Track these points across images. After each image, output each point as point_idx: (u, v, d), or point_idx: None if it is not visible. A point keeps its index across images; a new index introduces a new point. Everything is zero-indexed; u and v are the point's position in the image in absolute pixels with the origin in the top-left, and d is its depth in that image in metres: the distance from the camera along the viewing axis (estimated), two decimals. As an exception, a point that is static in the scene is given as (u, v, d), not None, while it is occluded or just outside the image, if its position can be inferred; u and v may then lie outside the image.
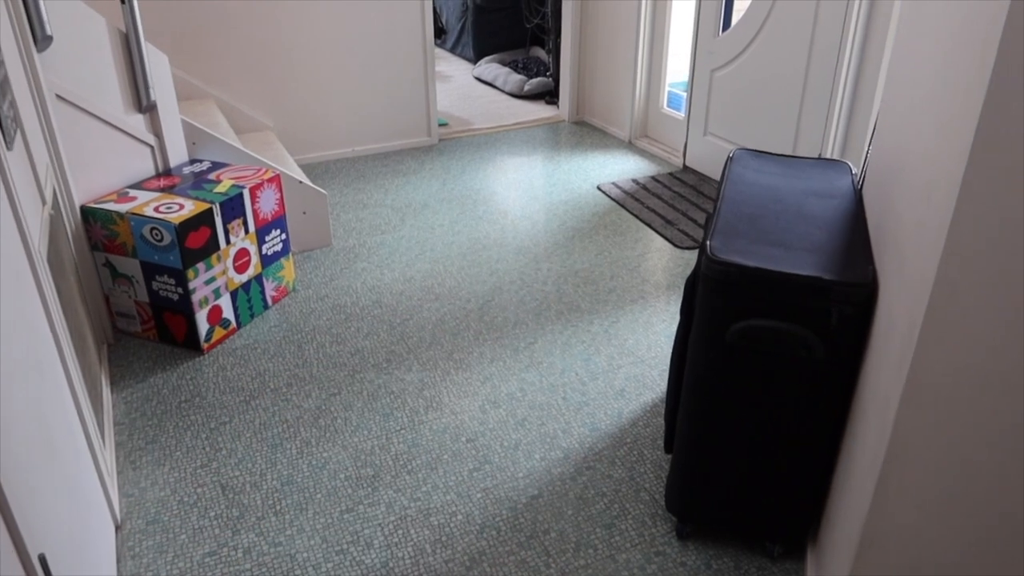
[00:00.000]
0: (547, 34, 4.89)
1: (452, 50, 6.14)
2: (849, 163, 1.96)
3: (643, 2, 3.86)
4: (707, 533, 1.76)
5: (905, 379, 1.09)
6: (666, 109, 4.07)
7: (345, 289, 2.76)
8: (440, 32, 4.20)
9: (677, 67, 4.08)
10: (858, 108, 2.90)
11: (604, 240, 3.12)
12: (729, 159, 1.98)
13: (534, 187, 3.65)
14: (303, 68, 3.74)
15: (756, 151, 2.02)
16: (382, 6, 3.78)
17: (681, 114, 3.95)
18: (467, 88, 5.28)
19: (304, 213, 2.97)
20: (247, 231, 2.49)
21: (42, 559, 1.02)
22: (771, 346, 1.47)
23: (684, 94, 4.06)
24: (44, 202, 1.87)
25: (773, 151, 3.28)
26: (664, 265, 2.93)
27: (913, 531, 1.18)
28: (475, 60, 5.72)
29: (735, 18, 3.49)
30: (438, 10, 3.94)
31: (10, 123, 1.53)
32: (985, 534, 1.13)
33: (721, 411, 1.60)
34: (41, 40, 2.07)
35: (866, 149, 1.96)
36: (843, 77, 2.89)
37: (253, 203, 2.49)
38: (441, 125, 4.44)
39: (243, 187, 2.45)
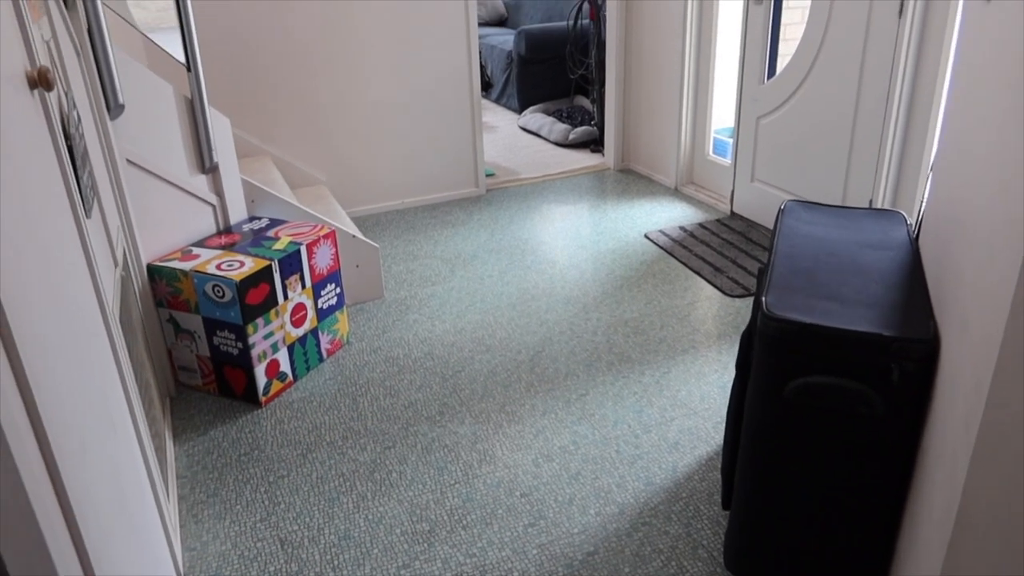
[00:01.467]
0: (591, 84, 4.97)
1: (497, 101, 6.26)
2: (903, 213, 1.95)
3: (687, 50, 3.91)
4: (768, 592, 1.73)
5: (974, 441, 1.08)
6: (712, 156, 4.08)
7: (397, 341, 2.80)
8: (487, 85, 4.30)
9: (722, 113, 4.11)
10: (909, 154, 2.88)
11: (653, 289, 3.13)
12: (780, 211, 1.98)
13: (581, 236, 3.68)
14: (354, 124, 3.86)
15: (808, 202, 2.03)
16: (431, 61, 3.89)
17: (727, 161, 3.96)
18: (513, 138, 5.37)
19: (357, 266, 3.04)
20: (304, 286, 2.55)
21: (119, 619, 1.05)
22: (831, 403, 1.46)
23: (730, 140, 4.08)
24: (116, 264, 1.95)
25: (822, 198, 3.27)
26: (714, 314, 2.92)
27: (987, 597, 1.15)
28: (520, 110, 5.82)
29: (780, 64, 3.51)
30: (484, 63, 4.05)
31: (89, 192, 1.61)
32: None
33: (780, 468, 1.58)
34: (114, 108, 2.19)
35: (921, 198, 1.95)
36: (892, 123, 2.87)
37: (310, 259, 2.56)
38: (488, 176, 4.52)
39: (300, 243, 2.52)
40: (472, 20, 3.91)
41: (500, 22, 7.18)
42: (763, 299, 1.51)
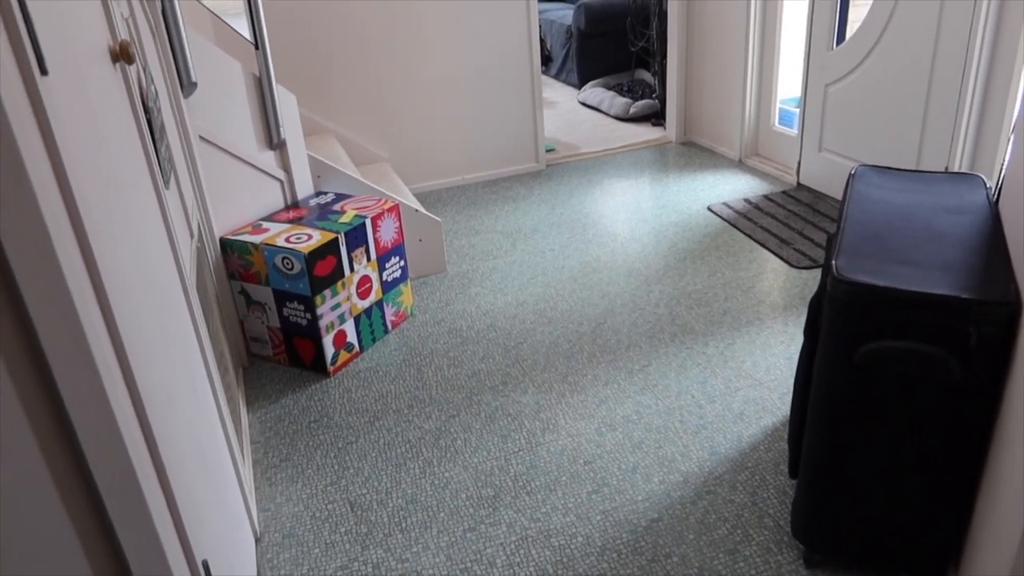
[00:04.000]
0: (652, 56, 4.90)
1: (557, 76, 6.23)
2: (982, 176, 1.88)
3: (751, 19, 3.82)
4: (837, 562, 1.71)
5: (1057, 402, 1.04)
6: (778, 126, 3.99)
7: (460, 313, 2.84)
8: (546, 60, 4.28)
9: (788, 83, 4.01)
10: (988, 118, 2.77)
11: (716, 261, 3.09)
12: (851, 176, 1.94)
13: (643, 209, 3.65)
14: (415, 101, 3.89)
15: (879, 167, 1.97)
16: (490, 37, 3.89)
17: (793, 131, 3.86)
18: (572, 113, 5.34)
19: (420, 240, 3.08)
20: (369, 259, 2.60)
21: (205, 565, 1.11)
22: (904, 368, 1.43)
23: (796, 111, 3.97)
24: (192, 235, 2.03)
25: (895, 165, 3.17)
26: (780, 286, 2.87)
27: (1069, 564, 1.12)
28: (580, 85, 5.78)
29: (849, 30, 3.40)
30: (543, 38, 4.03)
31: (167, 164, 1.68)
32: None
33: (850, 435, 1.55)
34: (187, 86, 2.26)
35: (1002, 160, 1.88)
36: (971, 86, 2.76)
37: (374, 232, 2.60)
38: (548, 151, 4.51)
39: (365, 217, 2.57)
40: (532, 7, 3.90)
41: (559, -3, 7.11)
42: (833, 262, 1.49)
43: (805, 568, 1.70)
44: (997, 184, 1.83)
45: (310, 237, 2.43)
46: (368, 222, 2.57)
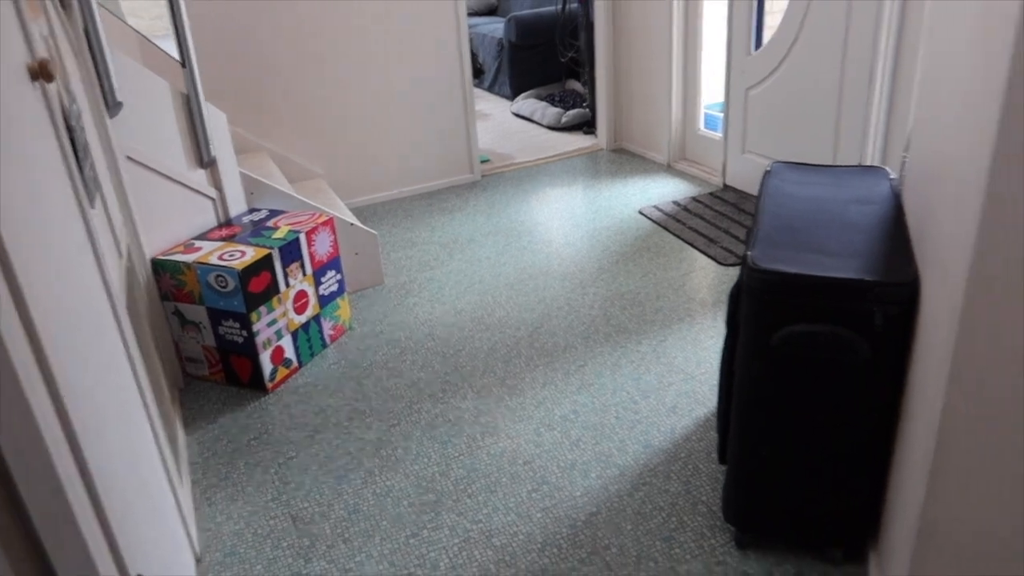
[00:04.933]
0: (582, 67, 5.00)
1: (490, 89, 6.30)
2: (887, 168, 1.99)
3: (674, 28, 3.94)
4: (767, 541, 1.78)
5: (948, 371, 1.12)
6: (703, 131, 4.12)
7: (399, 324, 2.85)
8: (478, 72, 4.33)
9: (712, 89, 4.14)
10: (895, 117, 2.92)
11: (648, 262, 3.17)
12: (767, 172, 2.03)
13: (576, 215, 3.72)
14: (349, 117, 3.90)
15: (793, 163, 2.07)
16: (421, 51, 3.93)
17: (718, 134, 3.99)
18: (506, 124, 5.41)
19: (356, 254, 3.09)
20: (304, 273, 2.60)
21: (140, 579, 1.11)
22: (816, 351, 1.51)
23: (720, 115, 4.11)
24: (121, 256, 2.01)
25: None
26: (709, 283, 2.96)
27: (969, 521, 1.20)
28: (513, 97, 5.86)
29: (766, 36, 3.54)
30: (474, 52, 4.09)
31: (92, 184, 1.67)
32: (1041, 522, 1.14)
33: (771, 419, 1.63)
34: (112, 106, 2.24)
35: (903, 154, 1.99)
36: (878, 87, 2.91)
37: (309, 246, 2.61)
38: (483, 162, 4.56)
39: (299, 232, 2.57)
40: (461, 8, 3.95)
41: (490, 11, 7.20)
42: (748, 253, 1.56)
43: (737, 549, 1.76)
44: (900, 176, 1.94)
45: (244, 254, 2.42)
46: (302, 237, 2.57)
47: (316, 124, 3.86)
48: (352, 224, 3.04)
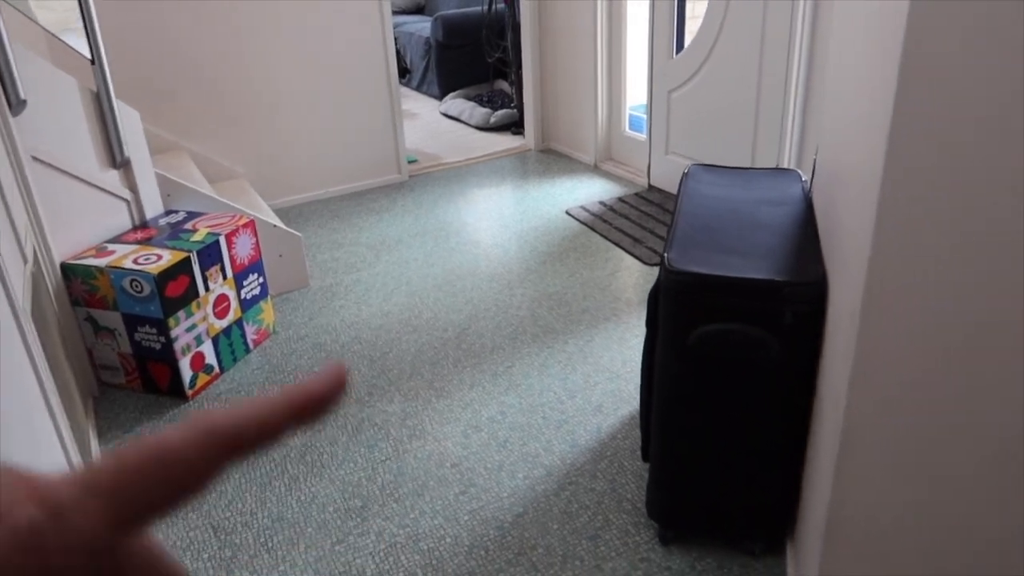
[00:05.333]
0: (509, 67, 5.02)
1: (418, 88, 6.26)
2: (799, 171, 2.06)
3: (598, 30, 3.99)
4: (690, 536, 1.82)
5: (851, 367, 1.17)
6: (628, 132, 4.19)
7: (324, 328, 2.81)
8: (404, 72, 4.30)
9: (637, 90, 4.21)
10: (810, 120, 3.02)
11: (575, 263, 3.20)
12: (684, 175, 2.07)
13: (504, 216, 3.74)
14: (272, 116, 3.82)
15: (710, 166, 2.12)
16: (345, 49, 3.88)
17: (643, 136, 4.06)
18: (435, 124, 5.39)
19: (280, 256, 3.03)
20: (225, 277, 2.54)
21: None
22: (730, 350, 1.55)
23: (644, 116, 4.18)
24: (26, 261, 1.92)
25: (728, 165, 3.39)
26: (634, 282, 3.01)
27: (874, 515, 1.25)
28: (441, 97, 5.83)
29: (688, 38, 3.62)
30: (401, 51, 4.05)
31: (-11, 187, 1.59)
32: (944, 511, 1.20)
33: (690, 417, 1.66)
34: (15, 105, 2.14)
35: (814, 156, 2.07)
36: (793, 91, 3.01)
37: (229, 249, 2.54)
38: (410, 162, 4.53)
39: (219, 234, 2.51)
40: (385, 5, 3.92)
41: (418, 9, 7.16)
42: (665, 255, 1.59)
43: (661, 546, 1.80)
44: (811, 178, 2.01)
45: (160, 257, 2.35)
46: (222, 239, 2.51)
47: (238, 123, 3.77)
48: (275, 226, 2.98)
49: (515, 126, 5.05)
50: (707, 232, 1.72)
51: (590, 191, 4.00)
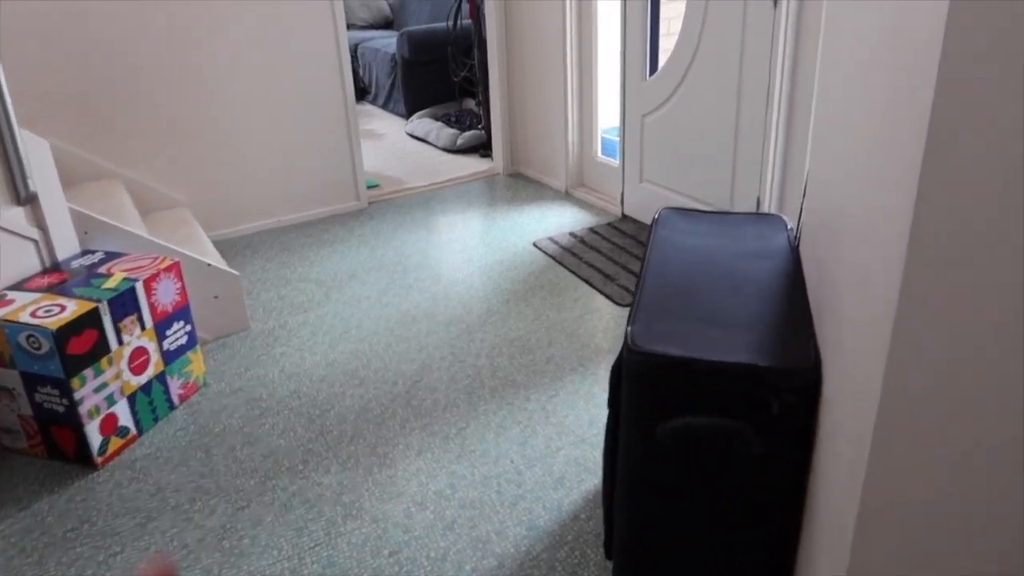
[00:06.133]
0: (476, 86, 4.77)
1: (384, 106, 6.00)
2: (784, 217, 1.82)
3: (568, 48, 3.76)
4: (660, 647, 1.56)
5: (860, 498, 0.92)
6: (601, 157, 3.95)
7: (261, 379, 2.54)
8: (363, 92, 4.05)
9: (609, 113, 3.98)
10: (792, 150, 2.80)
11: (540, 302, 2.95)
12: (654, 221, 1.83)
13: (468, 248, 3.48)
14: (219, 138, 3.55)
15: (684, 210, 1.88)
16: (297, 67, 3.62)
17: (616, 161, 3.83)
18: (400, 145, 5.13)
19: (216, 297, 2.75)
20: (143, 327, 2.26)
21: None
22: (706, 444, 1.29)
23: (618, 139, 3.95)
24: None
25: (710, 196, 3.16)
26: (604, 326, 2.76)
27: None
28: (407, 116, 5.58)
29: (662, 60, 3.40)
30: (362, 70, 3.79)
31: None
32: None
33: (660, 513, 1.41)
34: None
35: (801, 203, 1.83)
36: (775, 118, 2.78)
37: (149, 296, 2.26)
38: (371, 187, 4.27)
39: (136, 280, 2.23)
40: (339, 20, 3.66)
41: (385, 24, 6.91)
42: (628, 329, 1.34)
43: (627, 660, 1.54)
44: (797, 226, 1.77)
45: (63, 308, 2.07)
46: (139, 286, 2.23)
47: (179, 146, 3.49)
48: (210, 265, 2.70)
49: (483, 148, 4.80)
50: (679, 296, 1.47)
51: (560, 220, 3.75)
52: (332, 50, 3.68)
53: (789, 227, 1.78)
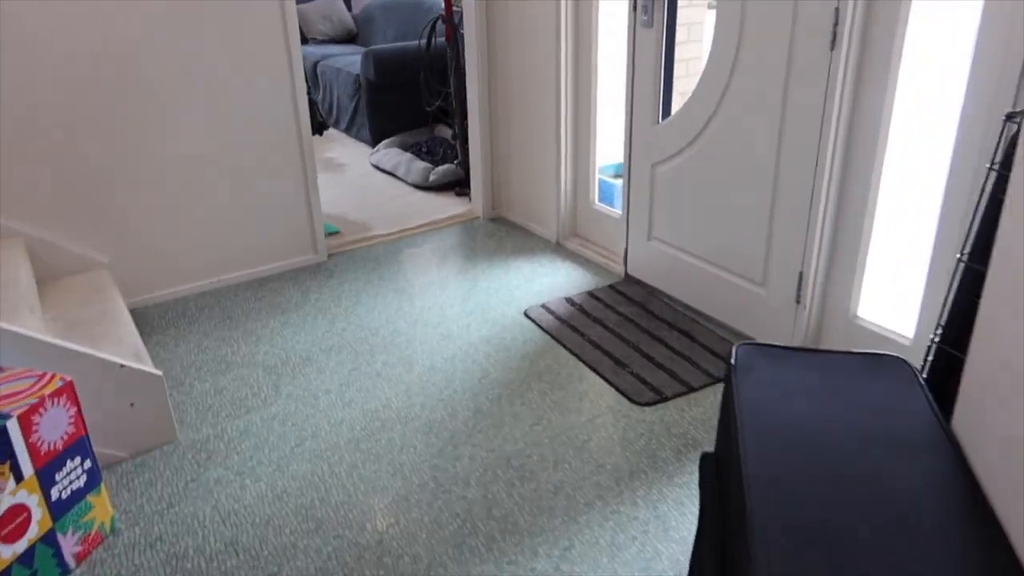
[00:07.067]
0: (452, 117, 4.23)
1: (347, 131, 5.43)
2: (907, 362, 1.31)
3: (563, 78, 3.24)
4: None
5: None
6: (598, 205, 3.43)
7: (188, 522, 1.96)
8: (321, 127, 3.50)
9: (609, 151, 3.47)
10: (845, 220, 2.31)
11: (540, 399, 2.42)
12: (731, 368, 1.31)
13: (447, 318, 2.93)
14: (145, 187, 2.95)
15: (768, 347, 1.36)
16: (245, 104, 3.04)
17: (617, 211, 3.31)
18: (364, 179, 4.56)
19: (132, 405, 2.17)
20: (20, 478, 1.68)
21: None
22: None
23: (616, 182, 3.45)
24: None
25: (737, 263, 2.66)
26: (621, 436, 2.24)
27: None
28: (372, 143, 5.02)
29: (676, 102, 2.89)
30: (316, 101, 3.25)
31: None
32: None
33: None
34: None
35: (933, 337, 1.33)
36: (824, 183, 2.29)
37: (27, 436, 1.68)
38: (331, 234, 3.70)
39: (7, 417, 1.64)
40: (294, 52, 3.09)
41: (349, 38, 6.33)
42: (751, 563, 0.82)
43: None
44: (925, 362, 1.27)
45: (-103, 469, 1.48)
46: (12, 424, 1.65)
47: (99, 198, 2.89)
48: (123, 366, 2.12)
49: (459, 185, 4.26)
50: (809, 538, 0.95)
51: (554, 280, 3.22)
52: (286, 83, 3.11)
53: (920, 378, 1.27)
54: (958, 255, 1.29)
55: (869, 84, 2.15)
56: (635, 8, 2.81)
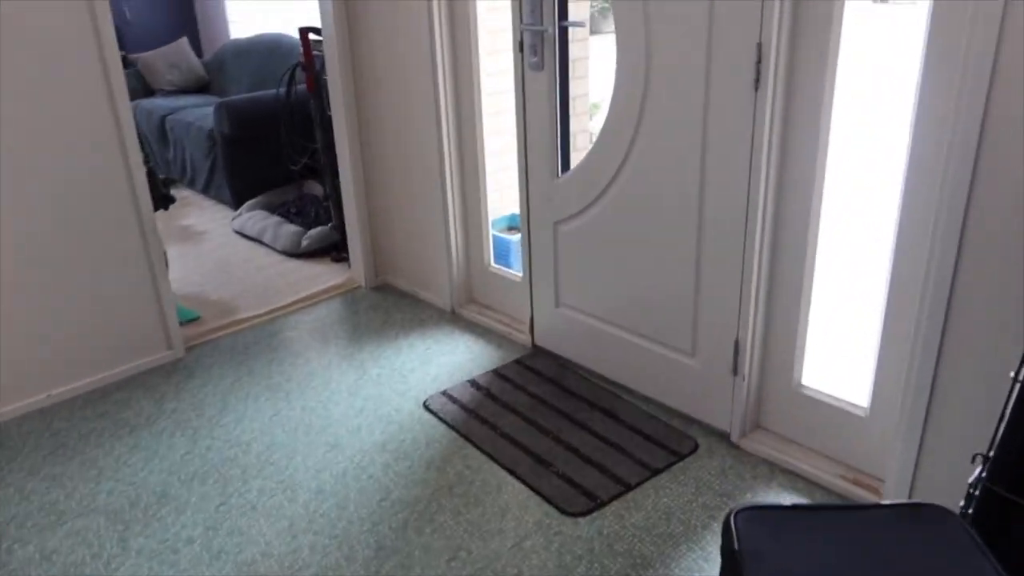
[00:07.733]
0: (322, 175, 3.79)
1: (205, 192, 4.86)
2: (957, 516, 1.01)
3: (445, 125, 2.87)
4: None
5: None
6: (494, 266, 3.08)
7: None
8: (166, 201, 3.00)
9: (503, 205, 3.13)
10: (780, 272, 2.05)
11: (454, 521, 2.02)
12: (734, 537, 0.96)
13: (333, 420, 2.49)
14: (-65, 296, 2.37)
15: (769, 508, 1.02)
16: (63, 182, 2.51)
17: (517, 274, 2.97)
18: (226, 248, 4.04)
19: (-88, 609, 1.61)
20: None
21: None
22: None
23: (513, 237, 3.11)
24: None
25: (663, 334, 2.35)
26: (556, 561, 1.86)
27: None
28: (235, 206, 4.49)
29: (578, 153, 2.59)
30: (154, 169, 2.75)
31: None
32: None
33: None
34: None
35: (981, 469, 1.03)
36: (758, 231, 2.02)
37: None
38: (188, 321, 3.17)
39: None
40: (122, 112, 2.59)
41: (199, 88, 5.76)
42: None
43: None
44: (966, 511, 0.96)
45: None
46: None
47: None
48: None
49: (336, 249, 3.81)
50: None
51: (453, 358, 2.83)
52: (115, 154, 2.60)
53: (975, 537, 0.97)
54: (1012, 374, 1.00)
55: (796, 128, 1.90)
56: (522, 48, 2.50)
